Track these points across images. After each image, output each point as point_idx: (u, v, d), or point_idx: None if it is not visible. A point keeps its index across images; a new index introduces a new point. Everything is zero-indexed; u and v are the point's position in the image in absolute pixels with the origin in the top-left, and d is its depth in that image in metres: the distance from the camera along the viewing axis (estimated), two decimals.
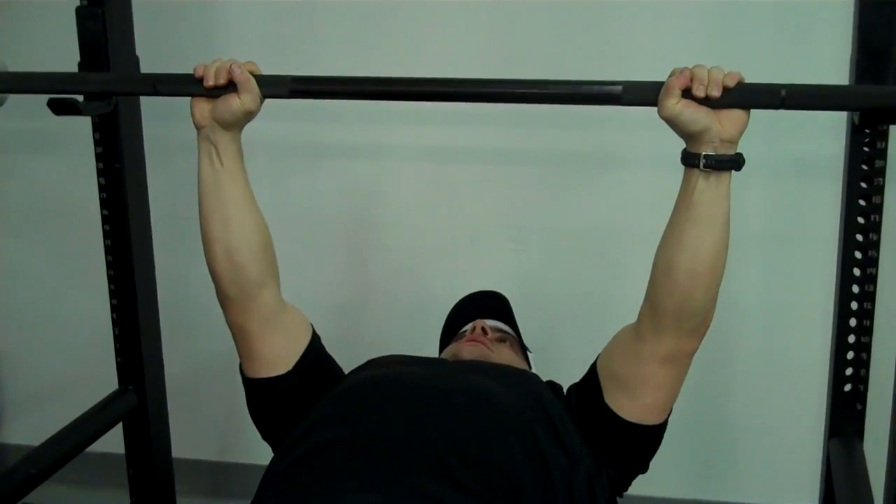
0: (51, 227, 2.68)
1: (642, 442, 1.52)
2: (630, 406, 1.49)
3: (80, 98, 1.81)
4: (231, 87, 1.48)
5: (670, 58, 1.45)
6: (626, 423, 1.49)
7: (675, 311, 1.41)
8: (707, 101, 1.34)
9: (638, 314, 1.49)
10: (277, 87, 1.53)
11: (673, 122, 1.36)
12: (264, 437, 1.67)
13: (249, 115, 1.51)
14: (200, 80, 1.50)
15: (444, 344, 1.94)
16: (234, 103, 1.48)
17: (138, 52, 1.95)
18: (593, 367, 1.56)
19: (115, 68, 1.88)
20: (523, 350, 1.87)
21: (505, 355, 1.77)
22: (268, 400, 1.61)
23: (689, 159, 1.36)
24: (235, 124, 1.51)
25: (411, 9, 2.31)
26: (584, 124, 2.21)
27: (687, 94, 1.34)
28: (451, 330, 1.93)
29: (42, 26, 2.46)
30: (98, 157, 1.96)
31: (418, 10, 2.30)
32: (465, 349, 1.75)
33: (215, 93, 1.49)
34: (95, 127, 1.94)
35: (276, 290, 1.59)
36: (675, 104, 1.34)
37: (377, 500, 1.27)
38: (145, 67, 1.95)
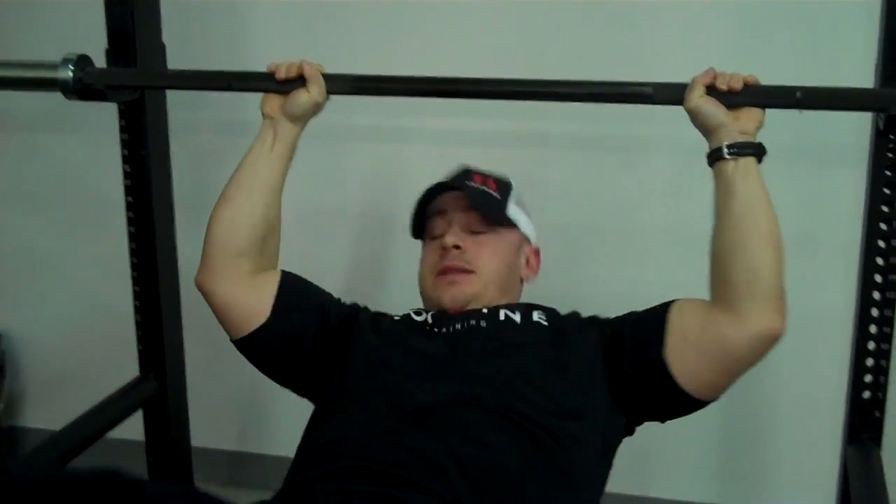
0: (75, 212, 2.70)
1: (678, 406, 1.53)
2: (689, 374, 1.48)
3: None
4: (300, 81, 1.63)
5: (693, 63, 1.55)
6: (675, 385, 1.49)
7: (745, 283, 1.43)
8: (728, 95, 1.49)
9: (712, 307, 1.49)
10: (341, 83, 1.66)
11: (695, 114, 1.51)
12: (295, 390, 1.71)
13: (317, 108, 1.65)
14: (272, 76, 1.64)
15: (416, 231, 1.81)
16: (303, 96, 1.62)
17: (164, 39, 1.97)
18: (664, 315, 1.53)
19: (142, 56, 1.89)
20: (512, 226, 1.75)
21: (487, 262, 1.68)
22: (266, 352, 1.66)
23: (715, 154, 1.49)
24: (302, 117, 1.65)
25: (441, 12, 2.31)
26: (608, 122, 2.21)
27: (710, 92, 1.50)
28: (420, 219, 1.79)
29: (66, 14, 2.47)
30: (123, 145, 1.97)
31: (448, 13, 2.30)
32: (446, 295, 1.65)
33: (285, 87, 1.63)
34: (122, 114, 1.95)
35: (255, 268, 1.63)
36: (699, 97, 1.49)
37: None
38: (170, 56, 1.96)
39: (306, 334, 1.64)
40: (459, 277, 1.66)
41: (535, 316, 1.64)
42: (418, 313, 1.68)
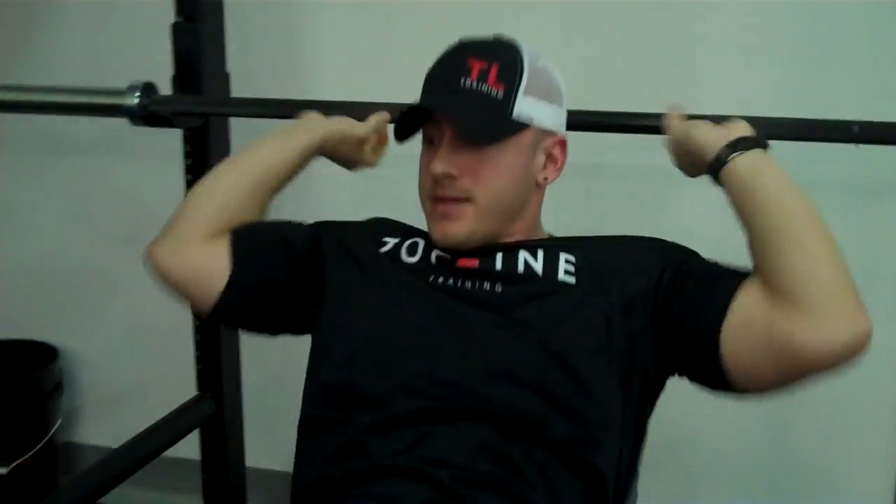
0: (134, 233, 2.71)
1: (710, 383, 1.32)
2: (740, 363, 1.25)
3: None
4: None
5: (746, 96, 1.50)
6: (717, 364, 1.27)
7: (807, 272, 1.21)
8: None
9: (781, 304, 1.24)
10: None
11: (684, 141, 1.41)
12: (293, 332, 1.57)
13: (360, 143, 1.59)
14: (334, 105, 1.67)
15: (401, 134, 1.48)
16: (355, 123, 1.58)
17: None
18: (733, 289, 1.28)
19: (207, 84, 1.93)
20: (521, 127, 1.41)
21: (486, 187, 1.39)
22: (244, 308, 1.51)
23: (717, 161, 1.31)
24: (337, 132, 1.56)
25: None
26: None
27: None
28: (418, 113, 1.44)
29: (133, 42, 2.52)
30: (187, 170, 2.00)
31: None
32: (437, 231, 1.42)
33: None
34: (186, 140, 1.99)
35: (210, 234, 1.49)
36: (678, 116, 1.47)
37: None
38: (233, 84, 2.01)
39: (277, 271, 1.48)
40: (452, 210, 1.40)
41: (562, 269, 1.40)
42: (412, 248, 1.47)
